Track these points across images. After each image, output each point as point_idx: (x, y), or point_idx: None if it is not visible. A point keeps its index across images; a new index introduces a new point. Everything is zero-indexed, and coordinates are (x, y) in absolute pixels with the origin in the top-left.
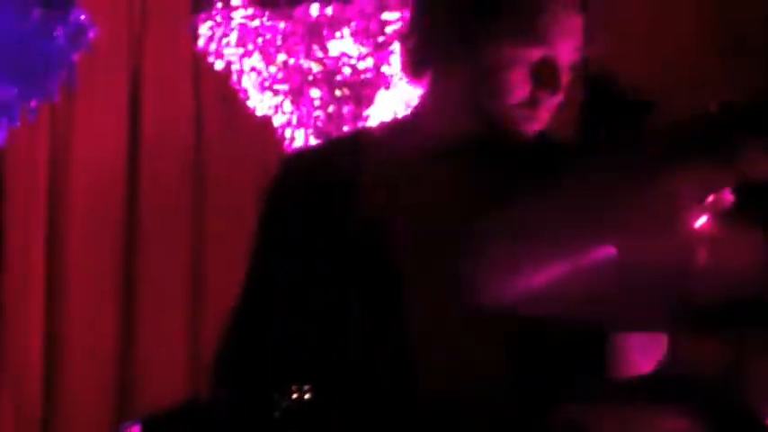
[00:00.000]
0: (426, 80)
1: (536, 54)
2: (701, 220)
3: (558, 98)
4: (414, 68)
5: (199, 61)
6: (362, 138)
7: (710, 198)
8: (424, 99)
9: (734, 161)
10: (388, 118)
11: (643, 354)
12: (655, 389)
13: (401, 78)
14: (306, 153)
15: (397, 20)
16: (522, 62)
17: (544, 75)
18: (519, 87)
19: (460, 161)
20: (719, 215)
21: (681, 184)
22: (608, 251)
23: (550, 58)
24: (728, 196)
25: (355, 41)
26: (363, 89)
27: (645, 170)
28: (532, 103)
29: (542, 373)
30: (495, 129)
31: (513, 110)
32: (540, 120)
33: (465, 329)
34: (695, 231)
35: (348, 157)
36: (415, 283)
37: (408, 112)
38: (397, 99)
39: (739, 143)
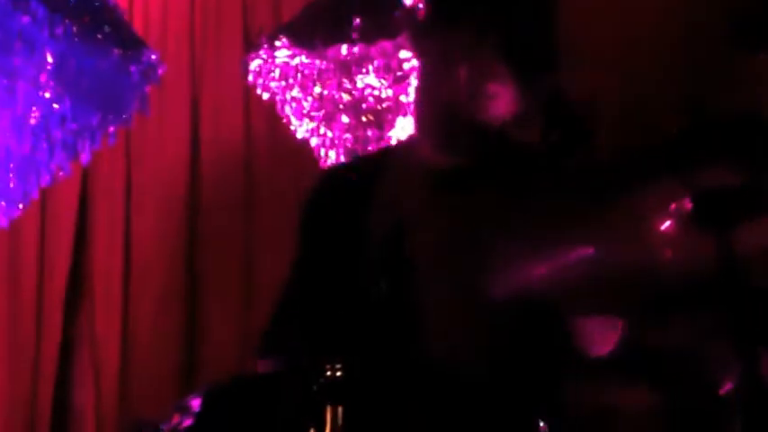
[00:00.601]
0: None
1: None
2: (665, 224)
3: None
4: None
5: (249, 93)
6: (385, 154)
7: (673, 206)
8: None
9: (691, 174)
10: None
11: (602, 335)
12: (626, 365)
13: None
14: (338, 168)
15: (413, 57)
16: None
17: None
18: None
19: (462, 171)
20: (680, 220)
21: (648, 195)
22: (587, 250)
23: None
24: (688, 204)
25: (378, 76)
26: (385, 115)
27: (619, 183)
28: (472, 102)
29: (532, 349)
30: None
31: (461, 110)
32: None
33: (470, 316)
34: (660, 233)
35: (372, 171)
36: (429, 275)
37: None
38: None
39: (697, 158)
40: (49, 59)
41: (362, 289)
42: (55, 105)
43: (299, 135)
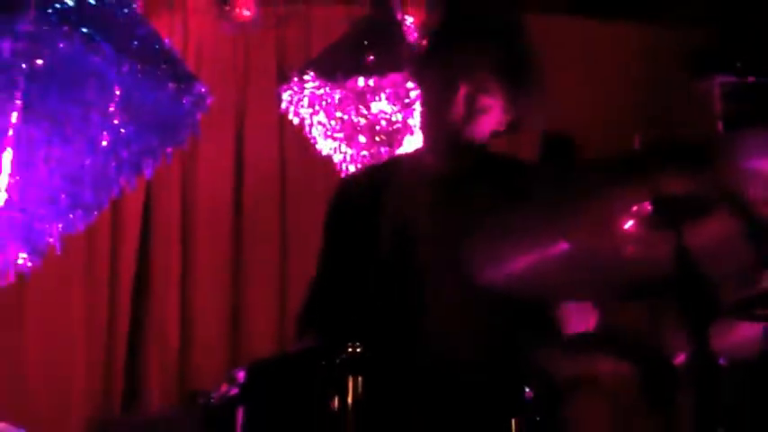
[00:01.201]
0: None
1: (462, 87)
2: (629, 224)
3: (484, 116)
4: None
5: (282, 118)
6: (394, 163)
7: (635, 207)
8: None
9: (651, 181)
10: None
11: (579, 318)
12: (595, 341)
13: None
14: (353, 177)
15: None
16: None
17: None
18: (457, 107)
19: (458, 178)
20: (641, 220)
21: (613, 198)
22: (563, 246)
23: (470, 89)
24: (647, 206)
25: (389, 102)
26: (395, 135)
27: (589, 188)
28: (468, 117)
29: (516, 331)
30: (452, 138)
31: (459, 123)
32: (477, 130)
33: (462, 302)
34: (624, 232)
35: (382, 177)
36: (429, 266)
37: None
38: (419, 142)
39: (655, 168)
40: (117, 92)
41: (373, 281)
42: (122, 131)
43: (324, 152)
